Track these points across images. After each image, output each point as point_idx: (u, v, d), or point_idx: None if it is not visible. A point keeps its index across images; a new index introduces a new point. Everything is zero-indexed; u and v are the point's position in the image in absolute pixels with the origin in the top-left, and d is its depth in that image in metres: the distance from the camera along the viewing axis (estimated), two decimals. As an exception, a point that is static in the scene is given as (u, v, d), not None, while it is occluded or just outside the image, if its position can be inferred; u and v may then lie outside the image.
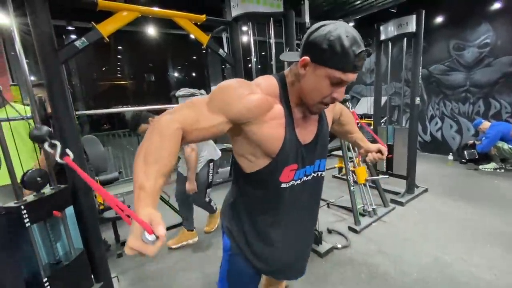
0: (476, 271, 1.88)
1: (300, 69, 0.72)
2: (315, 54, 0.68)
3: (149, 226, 0.51)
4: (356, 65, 0.67)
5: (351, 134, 1.16)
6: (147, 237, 0.51)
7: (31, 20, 1.29)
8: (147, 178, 0.58)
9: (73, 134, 1.43)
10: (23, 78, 1.31)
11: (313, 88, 0.73)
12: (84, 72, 4.99)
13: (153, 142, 0.63)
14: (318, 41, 0.67)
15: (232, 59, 2.19)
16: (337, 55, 0.65)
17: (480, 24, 4.27)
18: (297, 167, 0.83)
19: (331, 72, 0.68)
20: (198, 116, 0.69)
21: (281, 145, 0.77)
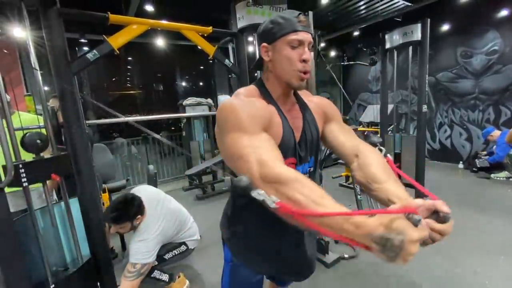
0: (490, 284, 1.81)
1: (264, 56, 0.80)
2: (267, 36, 0.78)
3: (411, 208, 0.46)
4: (301, 24, 0.75)
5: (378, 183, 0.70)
6: (416, 217, 0.45)
7: (46, 34, 1.35)
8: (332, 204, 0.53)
9: (83, 143, 1.47)
10: (37, 88, 1.36)
11: (282, 62, 0.78)
12: (95, 82, 5.14)
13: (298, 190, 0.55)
14: (265, 26, 0.79)
15: (238, 69, 2.23)
16: (281, 24, 0.75)
17: (488, 31, 4.24)
18: (295, 162, 0.83)
19: (286, 39, 0.75)
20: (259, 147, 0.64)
21: (280, 139, 0.78)
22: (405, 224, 0.44)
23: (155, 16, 3.92)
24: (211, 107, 4.47)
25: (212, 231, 2.79)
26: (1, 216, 1.04)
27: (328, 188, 3.69)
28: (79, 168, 1.44)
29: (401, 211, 0.47)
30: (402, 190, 0.67)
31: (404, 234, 0.42)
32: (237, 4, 2.11)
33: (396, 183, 0.70)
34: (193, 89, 6.51)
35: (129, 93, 5.79)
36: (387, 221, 0.45)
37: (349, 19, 4.87)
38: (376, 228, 0.45)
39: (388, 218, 0.45)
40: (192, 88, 6.54)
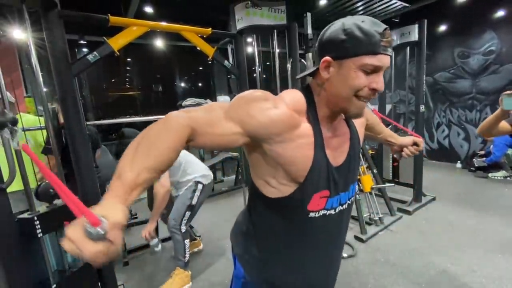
0: (487, 282, 1.83)
1: (323, 73, 0.64)
2: (336, 50, 0.61)
3: (93, 216, 0.40)
4: (384, 45, 0.59)
5: (379, 134, 1.06)
6: (88, 228, 0.39)
7: (47, 36, 1.37)
8: (131, 167, 0.50)
9: (84, 144, 1.48)
10: (38, 90, 1.37)
11: (343, 85, 0.62)
12: (95, 84, 5.14)
13: (154, 131, 0.54)
14: (334, 35, 0.61)
15: (237, 70, 2.25)
16: (359, 40, 0.58)
17: (485, 32, 4.27)
18: (329, 194, 0.70)
19: (361, 60, 0.59)
20: (213, 120, 0.61)
21: (309, 168, 0.65)
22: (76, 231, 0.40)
23: (155, 17, 3.94)
24: (210, 107, 4.47)
25: (212, 231, 2.80)
26: (3, 216, 1.05)
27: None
28: (80, 168, 1.46)
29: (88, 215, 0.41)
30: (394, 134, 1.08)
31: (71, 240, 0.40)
32: (236, 5, 2.13)
33: (387, 131, 1.08)
34: (192, 90, 6.51)
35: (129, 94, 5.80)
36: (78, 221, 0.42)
37: (347, 20, 4.89)
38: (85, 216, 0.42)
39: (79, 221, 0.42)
40: (191, 89, 6.55)
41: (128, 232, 2.91)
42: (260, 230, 0.79)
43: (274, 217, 0.74)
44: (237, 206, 3.39)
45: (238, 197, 3.69)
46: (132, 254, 2.52)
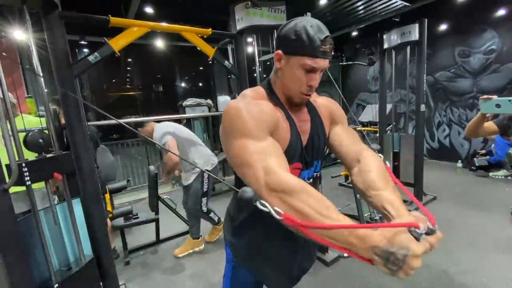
0: (488, 281, 1.84)
1: (276, 63, 0.77)
2: (286, 46, 0.73)
3: (414, 223, 0.47)
4: (323, 50, 0.70)
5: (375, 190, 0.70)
6: (418, 231, 0.46)
7: (48, 36, 1.37)
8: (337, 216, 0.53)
9: (85, 144, 1.48)
10: (39, 91, 1.38)
11: (290, 78, 0.76)
12: (95, 84, 5.16)
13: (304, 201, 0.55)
14: (287, 33, 0.72)
15: (237, 70, 2.25)
16: (304, 43, 0.70)
17: (485, 31, 4.26)
18: (301, 167, 0.82)
19: (302, 60, 0.71)
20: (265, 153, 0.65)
21: (288, 143, 0.77)
22: (408, 238, 0.46)
23: (155, 18, 3.95)
24: (210, 107, 4.49)
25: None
26: (6, 217, 1.06)
27: (327, 188, 3.72)
28: (82, 168, 1.46)
29: (404, 225, 0.48)
30: (397, 199, 0.66)
31: (407, 248, 0.44)
32: (236, 6, 2.13)
33: (393, 191, 0.69)
34: (192, 90, 6.52)
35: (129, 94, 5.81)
36: (390, 234, 0.46)
37: (347, 20, 4.90)
38: (380, 242, 0.46)
39: (391, 232, 0.47)
40: (191, 89, 6.55)
41: (129, 232, 2.92)
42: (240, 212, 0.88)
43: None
44: (238, 206, 3.39)
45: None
46: (133, 254, 2.53)
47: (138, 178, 4.67)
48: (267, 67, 3.49)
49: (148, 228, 2.75)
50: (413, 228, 0.47)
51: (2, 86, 1.12)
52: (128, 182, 3.10)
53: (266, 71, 3.67)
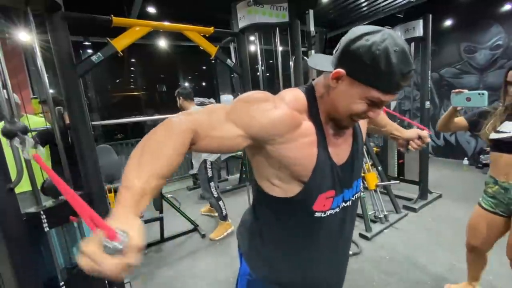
0: (494, 280, 1.81)
1: (332, 81, 0.62)
2: (354, 68, 0.58)
3: (110, 229, 0.38)
4: (400, 85, 0.58)
5: (383, 127, 1.05)
6: (104, 242, 0.37)
7: (51, 37, 1.38)
8: (138, 176, 0.48)
9: (89, 143, 1.50)
10: (44, 91, 1.39)
11: (345, 103, 0.62)
12: (99, 84, 5.19)
13: (157, 137, 0.53)
14: (360, 53, 0.56)
15: (240, 69, 2.25)
16: (380, 74, 0.55)
17: (491, 26, 4.19)
18: (335, 194, 0.70)
19: (370, 91, 0.58)
20: (214, 123, 0.60)
21: (313, 167, 0.65)
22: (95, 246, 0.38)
23: (157, 17, 3.96)
24: (214, 107, 4.49)
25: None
26: (12, 215, 1.07)
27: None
28: (86, 168, 1.48)
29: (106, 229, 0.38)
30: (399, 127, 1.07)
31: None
32: (238, 4, 2.12)
33: (392, 124, 1.07)
34: (195, 89, 6.53)
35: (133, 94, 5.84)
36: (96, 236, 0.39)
37: (350, 17, 4.86)
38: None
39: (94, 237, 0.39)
40: (194, 88, 6.56)
41: (134, 231, 2.94)
42: (265, 229, 0.78)
43: (279, 216, 0.74)
44: (242, 205, 3.40)
45: (243, 195, 3.71)
46: (138, 253, 2.55)
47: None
48: (269, 65, 3.48)
49: (152, 227, 2.77)
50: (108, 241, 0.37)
51: (7, 88, 1.13)
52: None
53: (269, 70, 3.66)
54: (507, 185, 1.32)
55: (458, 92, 1.32)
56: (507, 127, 1.30)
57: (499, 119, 1.34)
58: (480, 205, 1.48)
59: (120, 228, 0.39)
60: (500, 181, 1.36)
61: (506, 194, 1.34)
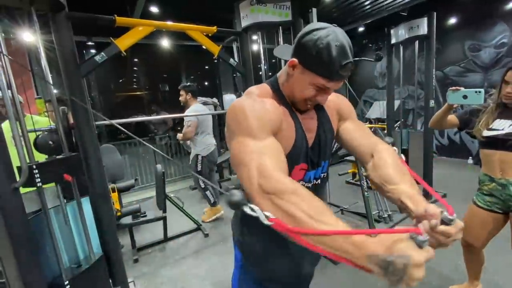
0: (500, 280, 1.80)
1: (289, 69, 0.74)
2: (304, 58, 0.70)
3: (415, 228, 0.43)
4: (341, 74, 0.68)
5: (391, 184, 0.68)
6: (420, 238, 0.41)
7: (55, 37, 1.39)
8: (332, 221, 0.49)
9: (93, 143, 1.50)
10: (48, 91, 1.40)
11: (299, 89, 0.74)
12: (102, 85, 5.22)
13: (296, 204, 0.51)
14: (308, 46, 0.67)
15: (242, 68, 2.24)
16: (323, 64, 0.66)
17: (496, 24, 4.15)
18: (307, 168, 0.81)
19: (316, 78, 0.69)
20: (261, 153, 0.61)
21: (293, 143, 0.76)
22: (409, 246, 0.42)
23: (160, 17, 3.96)
24: (216, 106, 4.50)
25: (220, 228, 2.82)
26: (17, 215, 1.08)
27: (334, 185, 3.69)
28: (90, 167, 1.48)
29: (404, 231, 0.43)
30: (415, 192, 0.65)
31: (408, 257, 0.40)
32: (241, 3, 2.12)
33: (410, 184, 0.68)
34: (198, 89, 6.56)
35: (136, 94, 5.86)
36: (389, 242, 0.43)
37: (353, 15, 4.83)
38: (378, 250, 0.43)
39: (391, 239, 0.43)
40: (197, 88, 6.59)
41: (137, 230, 2.96)
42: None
43: None
44: (244, 204, 3.40)
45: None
46: (141, 252, 2.56)
47: (146, 177, 4.72)
48: (272, 64, 3.47)
49: (156, 226, 2.78)
50: (415, 235, 0.42)
51: (12, 88, 1.14)
52: (136, 181, 3.15)
53: (272, 69, 3.65)
54: (504, 181, 1.32)
55: (455, 89, 1.32)
56: (499, 124, 1.32)
57: (491, 116, 1.35)
58: (475, 203, 1.49)
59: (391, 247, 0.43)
60: (496, 178, 1.36)
61: (503, 190, 1.34)
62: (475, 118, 1.43)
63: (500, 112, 1.34)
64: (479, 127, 1.37)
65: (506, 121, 1.31)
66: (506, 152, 1.29)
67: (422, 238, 0.41)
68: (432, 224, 0.52)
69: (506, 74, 1.31)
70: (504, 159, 1.31)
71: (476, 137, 1.40)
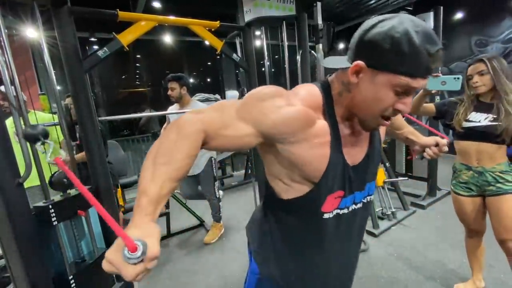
0: (505, 278, 1.78)
1: (351, 76, 0.57)
2: (373, 57, 0.54)
3: (132, 242, 0.40)
4: (430, 67, 0.52)
5: (399, 129, 0.99)
6: (126, 254, 0.40)
7: (58, 33, 1.38)
8: (153, 181, 0.49)
9: (96, 139, 1.50)
10: (51, 87, 1.40)
11: (370, 99, 0.58)
12: (105, 81, 5.23)
13: (169, 141, 0.53)
14: (378, 39, 0.52)
15: (245, 64, 2.22)
16: (405, 56, 0.51)
17: (504, 19, 4.07)
18: (344, 194, 0.68)
19: (396, 79, 0.53)
20: (225, 121, 0.58)
21: (325, 168, 0.63)
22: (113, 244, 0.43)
23: (163, 12, 3.94)
24: (219, 103, 4.48)
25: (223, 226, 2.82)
26: (21, 209, 1.08)
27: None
28: (94, 163, 1.48)
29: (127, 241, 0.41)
30: (416, 131, 0.99)
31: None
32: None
33: (408, 127, 1.00)
34: (201, 85, 6.53)
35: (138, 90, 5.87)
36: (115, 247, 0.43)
37: (358, 10, 4.77)
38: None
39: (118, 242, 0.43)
40: (200, 84, 6.56)
41: (141, 226, 2.98)
42: (274, 228, 0.77)
43: (288, 216, 0.73)
44: (247, 201, 3.40)
45: (248, 191, 3.70)
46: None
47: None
48: (275, 60, 3.44)
49: (159, 222, 2.78)
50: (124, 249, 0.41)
51: (15, 84, 1.14)
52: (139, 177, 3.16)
53: (275, 65, 3.62)
54: (481, 169, 1.45)
55: (435, 76, 1.37)
56: (475, 117, 1.43)
57: (468, 109, 1.45)
58: (456, 193, 1.59)
59: (140, 238, 0.42)
60: (473, 167, 1.48)
61: (480, 177, 1.47)
62: (453, 110, 1.52)
63: (476, 106, 1.44)
64: (460, 117, 1.46)
65: (481, 114, 1.41)
66: (482, 143, 1.42)
67: (130, 255, 0.40)
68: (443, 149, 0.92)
69: (467, 71, 1.44)
70: (481, 149, 1.43)
71: (455, 128, 1.49)
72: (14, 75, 1.14)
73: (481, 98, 1.44)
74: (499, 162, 1.42)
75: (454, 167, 1.63)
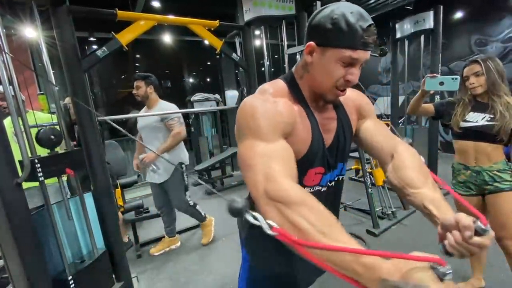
0: (506, 278, 1.78)
1: (307, 56, 0.68)
2: (320, 37, 0.64)
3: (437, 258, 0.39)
4: (365, 41, 0.61)
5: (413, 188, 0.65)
6: (442, 270, 0.38)
7: (57, 32, 1.38)
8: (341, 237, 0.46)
9: (95, 139, 1.50)
10: (50, 87, 1.39)
11: (324, 73, 0.67)
12: (104, 81, 5.22)
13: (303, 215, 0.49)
14: (322, 22, 0.63)
15: (245, 63, 2.22)
16: (343, 33, 0.61)
17: (503, 18, 4.07)
18: (324, 171, 0.76)
19: (340, 52, 0.63)
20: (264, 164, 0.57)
21: (308, 146, 0.71)
22: (429, 276, 0.38)
23: (162, 12, 3.93)
24: (218, 102, 4.48)
25: (222, 225, 2.81)
26: (20, 211, 1.08)
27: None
28: (92, 163, 1.48)
29: (425, 260, 0.39)
30: (439, 196, 0.62)
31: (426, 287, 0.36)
32: (243, -4, 2.09)
33: (433, 188, 0.64)
34: (200, 85, 6.53)
35: (138, 90, 5.88)
36: (406, 268, 0.39)
37: (357, 9, 4.76)
38: (391, 275, 0.39)
39: (407, 265, 0.39)
40: (199, 84, 6.56)
41: (140, 226, 2.97)
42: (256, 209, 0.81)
43: None
44: (247, 200, 3.39)
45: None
46: (144, 247, 2.57)
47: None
48: (275, 60, 3.44)
49: (159, 222, 2.78)
50: (436, 265, 0.38)
51: (13, 84, 1.13)
52: (139, 177, 3.15)
53: (275, 65, 3.62)
54: (479, 168, 1.47)
55: (432, 76, 1.39)
56: (473, 117, 1.44)
57: (465, 109, 1.47)
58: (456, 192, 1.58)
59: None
60: (471, 166, 1.50)
61: (478, 176, 1.48)
62: (451, 110, 1.53)
63: (473, 106, 1.46)
64: (457, 118, 1.47)
65: (479, 114, 1.43)
66: (480, 142, 1.43)
67: (444, 269, 0.38)
68: (466, 235, 0.50)
69: (463, 71, 1.45)
70: (478, 149, 1.45)
71: (453, 128, 1.50)
72: (13, 75, 1.13)
73: (478, 98, 1.45)
74: (496, 161, 1.43)
75: (452, 167, 1.64)
